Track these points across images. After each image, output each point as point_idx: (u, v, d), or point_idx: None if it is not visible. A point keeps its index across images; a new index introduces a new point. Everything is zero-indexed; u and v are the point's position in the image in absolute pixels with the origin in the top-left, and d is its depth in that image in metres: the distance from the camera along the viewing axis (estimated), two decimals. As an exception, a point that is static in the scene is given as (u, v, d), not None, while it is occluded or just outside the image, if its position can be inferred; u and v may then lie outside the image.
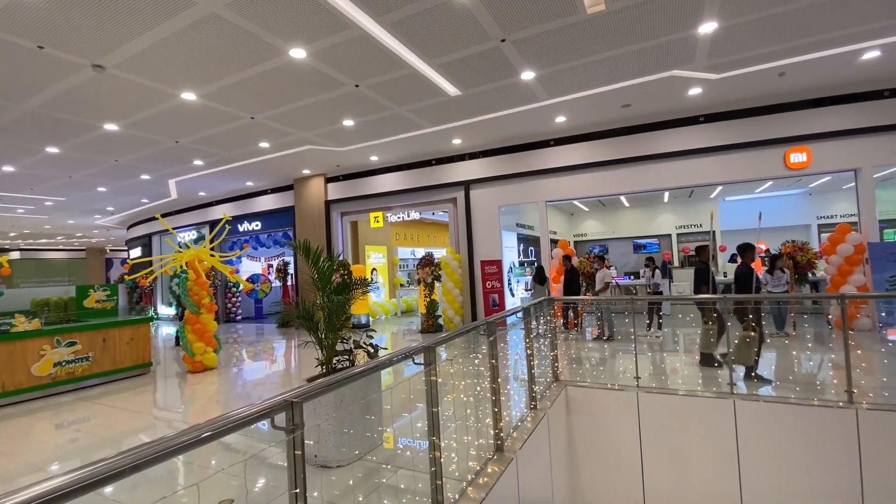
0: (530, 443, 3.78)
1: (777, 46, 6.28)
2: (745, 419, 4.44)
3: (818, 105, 8.11)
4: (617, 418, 5.00)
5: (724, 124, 8.69)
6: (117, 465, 1.14)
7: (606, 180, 9.79)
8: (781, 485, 4.29)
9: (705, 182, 9.13)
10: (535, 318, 6.32)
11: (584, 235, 18.91)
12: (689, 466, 4.65)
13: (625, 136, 9.51)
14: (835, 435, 4.12)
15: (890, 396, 4.38)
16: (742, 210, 16.04)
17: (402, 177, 11.86)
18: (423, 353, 2.47)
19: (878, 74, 7.39)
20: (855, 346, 6.77)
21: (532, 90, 7.46)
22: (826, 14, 5.50)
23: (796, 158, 8.18)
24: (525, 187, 10.48)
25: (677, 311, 10.45)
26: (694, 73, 7.02)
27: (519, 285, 12.46)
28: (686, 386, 5.01)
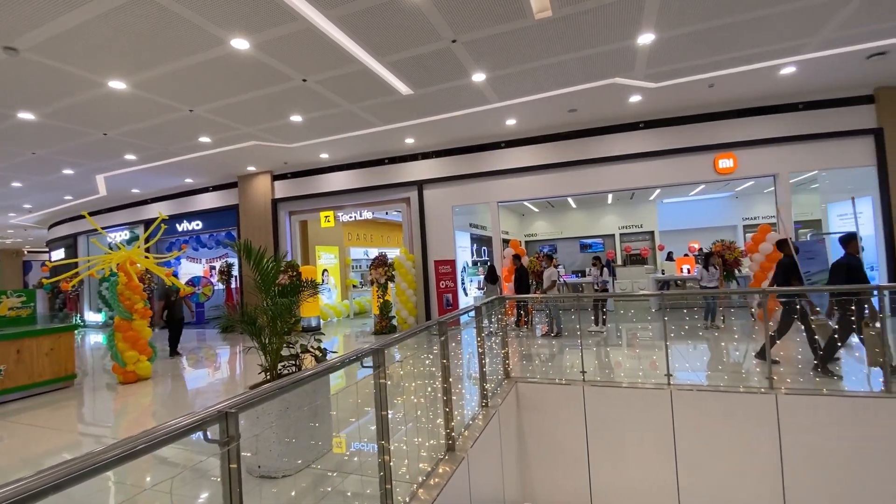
0: (481, 441, 3.82)
1: (707, 59, 6.76)
2: (681, 407, 4.73)
3: (743, 115, 8.81)
4: (564, 412, 5.16)
5: (662, 131, 9.24)
6: (34, 485, 1.02)
7: (554, 182, 10.11)
8: (712, 467, 4.60)
9: (644, 185, 9.66)
10: (486, 316, 6.41)
11: (534, 235, 19.45)
12: (631, 454, 4.89)
13: (571, 139, 9.87)
14: (758, 419, 4.48)
15: (804, 382, 4.83)
16: (678, 211, 17.17)
17: (353, 175, 11.63)
18: (372, 356, 2.43)
19: (794, 88, 8.14)
20: (774, 337, 7.41)
21: (483, 92, 7.56)
22: (749, 31, 5.98)
23: (724, 164, 8.84)
24: (478, 188, 10.60)
25: (620, 308, 10.99)
26: (634, 81, 7.41)
27: (472, 285, 12.60)
28: (628, 378, 5.26)
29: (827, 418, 4.28)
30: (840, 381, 4.85)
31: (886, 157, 8.15)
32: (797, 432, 4.35)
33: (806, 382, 4.79)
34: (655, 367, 5.75)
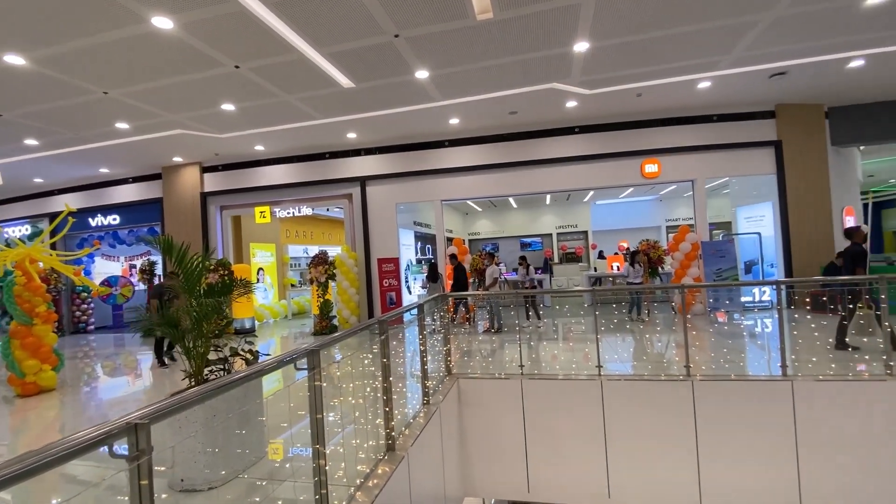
0: (422, 438, 3.82)
1: (636, 70, 7.22)
2: (611, 396, 5.02)
3: (666, 124, 9.52)
4: (503, 406, 5.30)
5: (595, 136, 9.75)
6: None
7: (496, 182, 10.34)
8: (637, 452, 4.93)
9: (579, 187, 10.16)
10: (429, 314, 6.42)
11: (477, 234, 19.80)
12: (566, 443, 5.12)
13: (513, 141, 10.14)
14: (677, 403, 4.87)
15: (717, 369, 5.31)
16: (609, 213, 18.25)
17: (292, 169, 11.16)
18: (307, 357, 2.33)
19: (710, 101, 8.92)
20: (691, 329, 8.10)
21: (427, 90, 7.55)
22: (672, 46, 6.46)
23: (650, 169, 9.51)
24: (422, 186, 10.59)
25: (556, 303, 11.47)
26: (571, 87, 7.75)
27: (416, 283, 12.57)
28: (563, 370, 5.50)
29: (736, 400, 4.73)
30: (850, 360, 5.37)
31: (784, 166, 9.17)
32: (710, 414, 4.77)
33: (717, 369, 5.26)
34: (588, 359, 6.06)
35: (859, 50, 6.85)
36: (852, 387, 4.51)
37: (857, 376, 4.63)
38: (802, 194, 9.12)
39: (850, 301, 5.58)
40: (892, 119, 9.30)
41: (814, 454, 4.48)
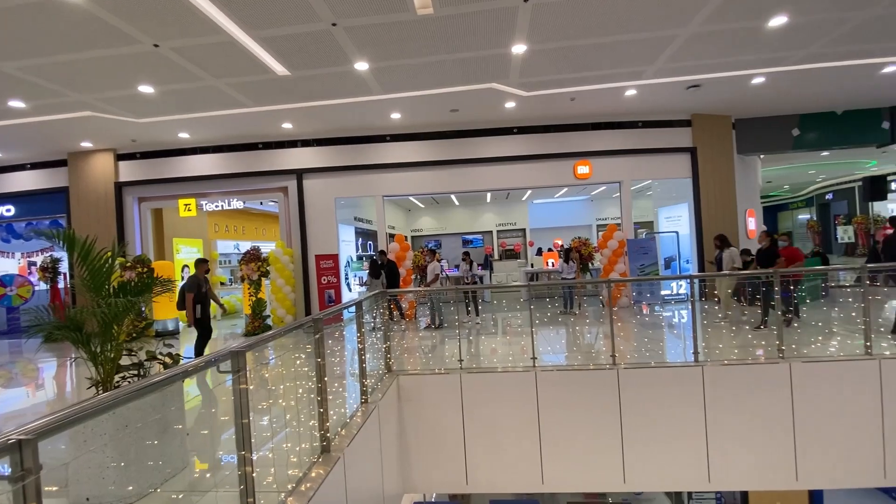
0: (360, 438, 3.75)
1: (570, 75, 7.55)
2: (545, 387, 5.23)
3: (597, 128, 10.07)
4: (443, 401, 5.34)
5: (532, 137, 10.10)
6: None
7: (438, 179, 10.38)
8: (569, 439, 5.19)
9: (517, 186, 10.48)
10: (368, 312, 6.32)
11: (420, 231, 19.80)
12: (503, 435, 5.27)
13: (454, 139, 10.22)
14: (604, 391, 5.18)
15: (639, 357, 5.72)
16: (546, 211, 19.01)
17: (221, 159, 10.46)
18: (231, 359, 2.19)
19: (636, 108, 9.55)
20: (617, 320, 8.66)
21: (367, 82, 7.39)
22: (603, 55, 6.82)
23: (582, 170, 10.02)
24: (362, 180, 10.37)
25: (495, 298, 11.76)
26: (509, 88, 7.95)
27: (357, 280, 12.32)
28: (501, 363, 5.65)
29: (655, 386, 5.12)
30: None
31: (699, 171, 10.06)
32: (632, 400, 5.13)
33: (640, 358, 5.67)
34: (524, 351, 6.28)
35: (761, 68, 7.66)
36: (752, 369, 5.05)
37: (756, 360, 5.20)
38: (713, 197, 10.06)
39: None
40: (786, 132, 10.53)
41: (720, 432, 4.97)
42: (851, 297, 7.70)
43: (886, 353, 4.98)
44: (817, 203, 21.64)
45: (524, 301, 11.07)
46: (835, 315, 7.49)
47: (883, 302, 8.12)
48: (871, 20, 6.09)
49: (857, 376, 4.88)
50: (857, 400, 4.87)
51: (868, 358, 4.89)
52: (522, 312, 10.12)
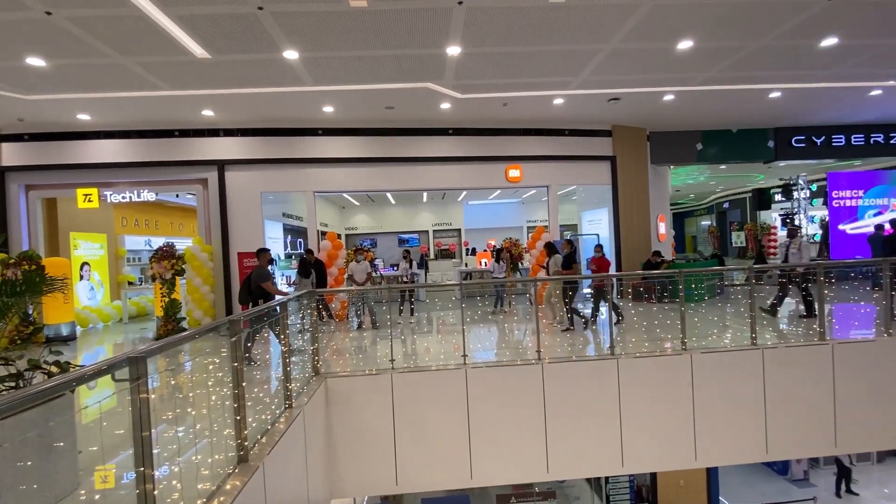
0: (282, 445, 3.57)
1: (502, 81, 7.77)
2: (475, 383, 5.34)
3: (528, 134, 10.49)
4: (373, 402, 5.26)
5: (467, 139, 10.28)
6: None
7: (373, 176, 10.21)
8: (497, 433, 5.34)
9: (452, 186, 10.61)
10: (295, 312, 6.05)
11: (354, 229, 19.37)
12: (433, 433, 5.29)
13: (390, 136, 10.12)
14: (530, 385, 5.40)
15: (561, 352, 6.02)
16: (480, 212, 19.46)
17: (129, 146, 9.48)
18: (129, 366, 1.98)
19: (563, 116, 10.07)
20: (543, 318, 9.06)
21: (297, 72, 7.07)
22: (533, 63, 7.10)
23: (513, 174, 10.38)
24: (292, 175, 9.92)
25: (430, 297, 11.82)
26: (444, 89, 8.01)
27: (285, 279, 11.75)
28: (432, 362, 5.68)
29: (576, 378, 5.43)
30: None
31: (618, 178, 10.83)
32: (556, 392, 5.40)
33: (562, 353, 5.98)
34: (456, 349, 6.36)
35: (671, 86, 8.42)
36: (659, 361, 5.53)
37: (663, 352, 5.69)
38: (629, 203, 10.89)
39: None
40: (692, 145, 11.67)
41: (632, 419, 5.38)
42: (742, 294, 8.72)
43: (769, 343, 5.69)
44: (716, 211, 24.27)
45: (456, 300, 11.25)
46: (729, 310, 8.44)
47: (766, 298, 9.29)
48: (761, 49, 6.92)
49: (745, 364, 5.53)
50: (744, 385, 5.51)
51: (753, 348, 5.56)
52: (455, 311, 10.26)
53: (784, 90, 8.78)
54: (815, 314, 6.46)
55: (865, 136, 11.88)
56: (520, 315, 9.39)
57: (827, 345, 5.59)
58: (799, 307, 7.36)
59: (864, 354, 5.64)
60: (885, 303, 5.85)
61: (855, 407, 5.58)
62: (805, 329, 6.80)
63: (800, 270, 7.02)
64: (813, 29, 6.29)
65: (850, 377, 5.57)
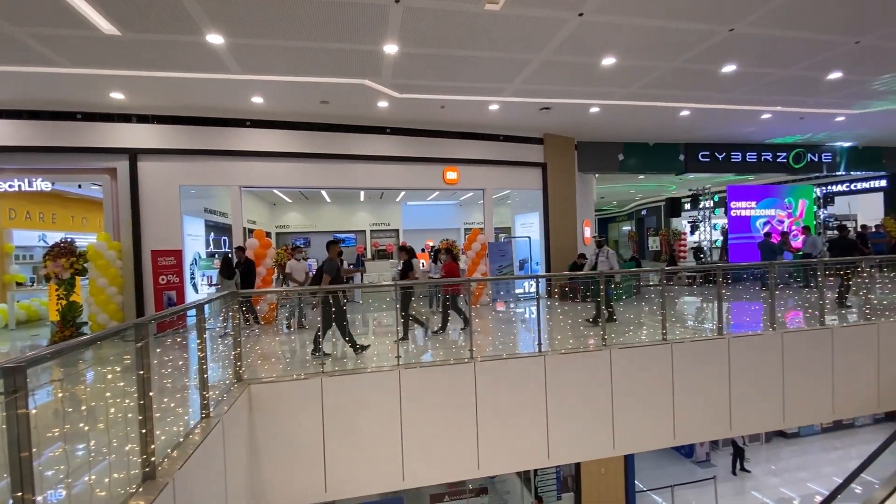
0: (197, 458, 3.32)
1: (440, 83, 7.84)
2: (408, 385, 5.31)
3: (465, 137, 10.67)
4: (301, 408, 5.05)
5: (405, 139, 10.24)
6: None
7: (307, 173, 9.83)
8: (430, 433, 5.36)
9: (389, 186, 10.51)
10: (215, 315, 5.66)
11: (286, 227, 18.54)
12: (365, 437, 5.19)
13: (326, 132, 9.80)
14: (463, 384, 5.48)
15: (492, 351, 6.18)
16: (418, 213, 19.46)
17: (19, 127, 8.32)
18: (3, 378, 1.72)
19: (498, 122, 10.37)
20: (477, 317, 9.26)
21: (222, 58, 6.63)
22: (469, 69, 7.23)
23: (451, 176, 10.51)
24: (216, 168, 9.27)
25: (365, 298, 11.62)
26: (382, 87, 7.92)
27: (206, 280, 10.94)
28: (364, 364, 5.57)
29: (507, 375, 5.60)
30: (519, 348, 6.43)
31: (548, 184, 11.35)
32: (488, 389, 5.53)
33: (493, 351, 6.14)
34: (391, 350, 6.30)
35: (596, 99, 8.99)
36: (584, 357, 5.86)
37: (587, 348, 6.04)
38: (558, 207, 11.46)
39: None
40: (615, 156, 12.53)
41: (558, 413, 5.65)
42: (654, 294, 9.49)
43: (677, 338, 6.25)
44: (635, 217, 26.28)
45: (392, 300, 11.14)
46: (645, 308, 9.15)
47: (675, 297, 10.21)
48: (674, 71, 7.60)
49: (657, 358, 6.03)
50: (656, 377, 6.01)
51: (664, 343, 6.08)
52: (392, 312, 10.14)
53: (692, 109, 9.72)
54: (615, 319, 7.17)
55: (758, 154, 13.49)
56: (455, 314, 9.50)
57: (724, 339, 6.26)
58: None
59: (753, 347, 6.38)
60: (771, 301, 6.67)
61: (746, 393, 6.30)
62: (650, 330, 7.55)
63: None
64: (716, 56, 7.02)
65: (742, 367, 6.28)
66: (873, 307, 7.22)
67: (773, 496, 11.30)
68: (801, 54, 7.05)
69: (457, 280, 7.91)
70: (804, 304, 8.54)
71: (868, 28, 6.24)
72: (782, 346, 6.43)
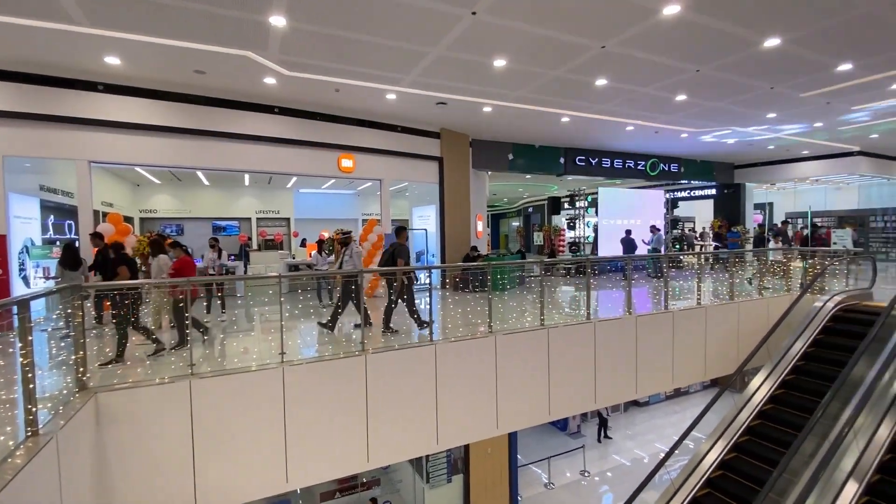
0: (17, 485, 2.75)
1: (333, 65, 7.49)
2: (293, 382, 5.03)
3: (362, 125, 10.38)
4: (166, 416, 4.49)
5: (296, 121, 9.61)
6: None
7: (179, 150, 8.68)
8: (317, 430, 5.15)
9: (278, 171, 9.79)
10: (53, 311, 4.77)
11: (153, 212, 16.27)
12: (243, 441, 4.80)
13: (204, 105, 8.75)
14: (353, 378, 5.35)
15: (384, 342, 6.15)
16: (312, 202, 18.54)
17: None
18: None
19: (396, 113, 10.27)
20: (372, 309, 9.13)
21: (64, 6, 5.50)
22: (364, 53, 7.01)
23: (346, 163, 10.16)
24: (58, 137, 7.71)
25: (249, 292, 10.74)
26: (268, 62, 7.31)
27: (41, 272, 9.09)
28: (244, 363, 5.13)
29: (399, 366, 5.61)
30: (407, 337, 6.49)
31: (444, 178, 11.61)
32: (378, 382, 5.49)
33: (386, 343, 6.12)
34: (275, 348, 5.90)
35: (489, 99, 9.39)
36: (472, 343, 6.13)
37: (475, 335, 6.32)
38: (454, 202, 11.81)
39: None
40: (505, 155, 13.27)
41: (447, 398, 5.84)
42: (535, 284, 10.31)
43: (553, 323, 6.85)
44: (524, 214, 28.27)
45: (286, 294, 10.46)
46: (528, 297, 9.89)
47: (553, 287, 11.22)
48: (556, 79, 8.26)
49: (535, 342, 6.56)
50: (534, 359, 6.55)
51: (541, 328, 6.64)
52: (278, 307, 9.50)
53: (571, 116, 10.70)
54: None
55: (623, 161, 15.39)
56: (350, 307, 9.25)
57: (591, 323, 7.05)
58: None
59: (615, 328, 7.30)
60: (628, 289, 7.68)
61: (608, 370, 7.19)
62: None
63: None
64: (590, 69, 7.80)
65: (606, 347, 7.14)
66: (703, 294, 8.75)
67: (629, 457, 13.14)
68: (657, 76, 8.16)
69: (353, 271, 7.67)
70: (654, 292, 10.01)
71: (705, 60, 7.45)
72: (636, 328, 7.46)
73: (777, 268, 10.64)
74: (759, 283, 9.75)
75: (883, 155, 16.01)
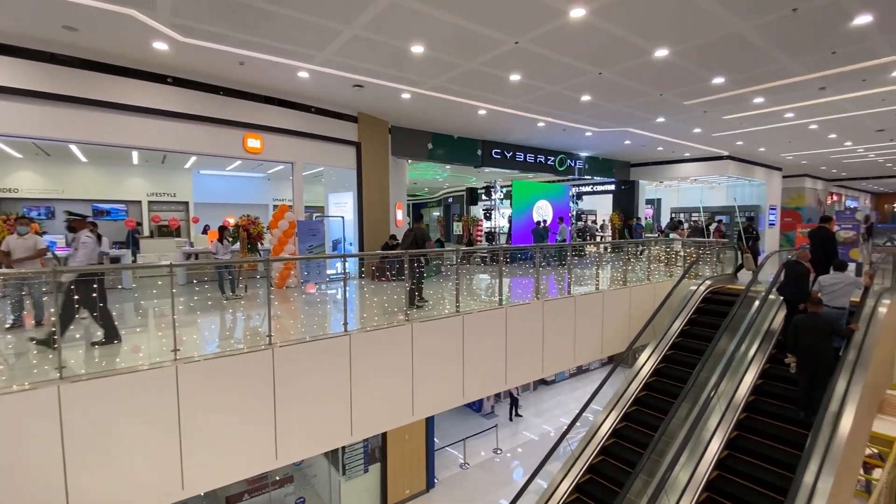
0: None
1: (236, 35, 6.86)
2: (188, 381, 4.61)
3: (271, 103, 9.69)
4: (28, 425, 3.88)
5: (194, 94, 8.68)
6: None
7: (48, 120, 7.40)
8: (218, 431, 4.79)
9: (172, 148, 8.79)
10: None
11: (14, 191, 13.82)
12: (127, 452, 4.32)
13: (79, 69, 7.52)
14: (259, 373, 5.05)
15: (295, 334, 5.87)
16: (215, 185, 17.04)
17: None
18: None
19: (309, 93, 9.74)
20: (283, 300, 8.70)
21: None
22: (270, 23, 6.49)
23: (252, 144, 9.44)
24: None
25: (139, 283, 9.62)
26: (157, 24, 6.49)
27: None
28: (126, 365, 4.59)
29: (311, 358, 5.40)
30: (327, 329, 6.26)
31: (362, 164, 11.31)
32: (287, 376, 5.24)
33: (303, 334, 5.85)
34: (168, 345, 5.35)
35: (407, 86, 9.28)
36: (388, 332, 6.09)
37: (399, 323, 6.29)
38: (372, 189, 11.56)
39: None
40: (424, 144, 13.27)
41: (359, 389, 5.76)
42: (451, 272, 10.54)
43: (469, 310, 7.05)
44: (444, 204, 28.65)
45: (183, 285, 9.51)
46: (446, 286, 10.06)
47: (469, 275, 11.56)
48: (473, 71, 8.39)
49: (451, 329, 6.72)
50: (449, 345, 6.71)
51: (456, 315, 6.81)
52: (181, 297, 8.61)
53: (488, 109, 10.98)
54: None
55: (535, 156, 16.21)
56: (261, 299, 8.69)
57: (502, 309, 7.38)
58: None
59: (524, 313, 7.72)
60: (536, 276, 8.15)
61: (517, 351, 7.60)
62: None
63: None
64: (504, 63, 8.04)
65: (516, 330, 7.53)
66: (600, 280, 9.58)
67: (537, 433, 14.09)
68: (565, 75, 8.67)
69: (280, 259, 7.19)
70: (559, 279, 10.75)
71: (606, 63, 8.06)
72: (543, 312, 7.97)
73: (669, 256, 11.98)
74: (647, 268, 10.91)
75: (746, 160, 18.72)
